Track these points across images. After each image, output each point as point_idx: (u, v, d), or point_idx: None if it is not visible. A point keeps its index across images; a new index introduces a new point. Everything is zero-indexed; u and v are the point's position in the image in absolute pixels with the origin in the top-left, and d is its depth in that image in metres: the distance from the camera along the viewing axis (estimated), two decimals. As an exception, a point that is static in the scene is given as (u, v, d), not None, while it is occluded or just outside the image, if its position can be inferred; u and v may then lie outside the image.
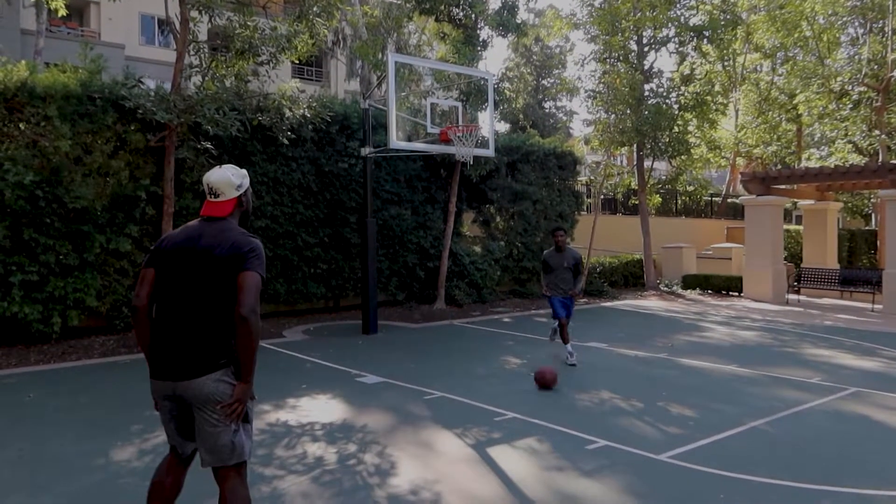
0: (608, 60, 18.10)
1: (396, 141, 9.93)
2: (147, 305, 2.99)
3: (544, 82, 38.70)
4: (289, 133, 10.76)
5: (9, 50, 20.60)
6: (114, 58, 19.01)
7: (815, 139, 23.59)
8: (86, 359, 8.37)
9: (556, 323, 8.71)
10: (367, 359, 8.53)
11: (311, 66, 31.91)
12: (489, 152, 11.43)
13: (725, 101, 20.99)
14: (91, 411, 6.08)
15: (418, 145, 10.94)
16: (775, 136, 24.52)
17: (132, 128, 9.73)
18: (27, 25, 22.05)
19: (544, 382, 6.98)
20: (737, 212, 25.21)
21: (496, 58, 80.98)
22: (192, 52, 10.14)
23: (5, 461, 4.79)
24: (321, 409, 6.23)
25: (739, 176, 22.97)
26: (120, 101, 9.40)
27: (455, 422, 5.80)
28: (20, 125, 8.81)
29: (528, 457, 4.93)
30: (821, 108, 21.53)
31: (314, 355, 8.71)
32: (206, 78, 10.13)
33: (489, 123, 12.06)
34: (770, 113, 24.25)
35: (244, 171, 3.16)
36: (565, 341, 8.40)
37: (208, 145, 10.02)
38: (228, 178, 3.06)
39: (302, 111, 10.76)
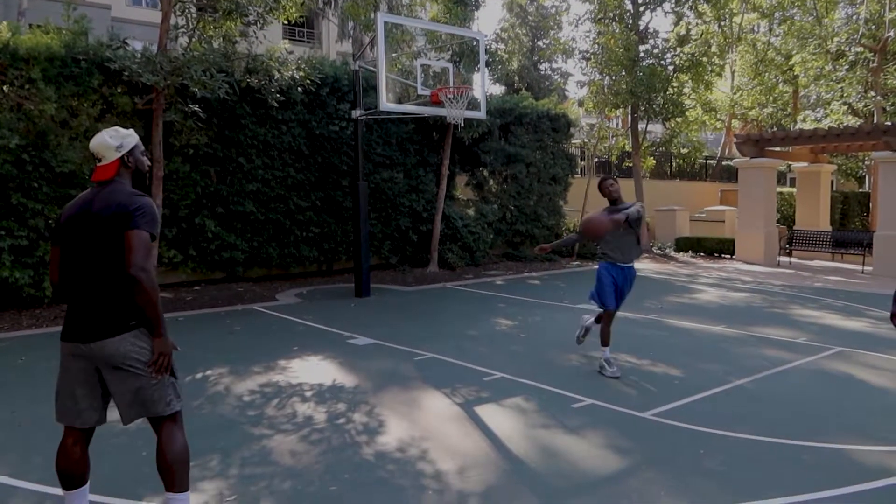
0: (603, 20, 17.85)
1: (387, 103, 9.83)
2: (60, 281, 3.08)
3: (539, 43, 38.15)
4: (278, 95, 10.64)
5: (-8, 11, 20.19)
6: (99, 18, 18.66)
7: (811, 101, 23.44)
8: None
9: (591, 318, 6.71)
10: (359, 321, 8.59)
11: (301, 28, 31.41)
12: (481, 114, 11.34)
13: (721, 63, 20.80)
14: (83, 374, 6.12)
15: (409, 107, 10.83)
16: (771, 98, 24.37)
17: (118, 90, 9.61)
18: (10, -14, 21.55)
19: (593, 230, 5.94)
20: (731, 174, 25.17)
21: (490, 18, 79.73)
22: (178, 13, 9.94)
23: (0, 422, 4.84)
24: (312, 370, 6.29)
25: (734, 138, 22.86)
26: (105, 64, 9.25)
27: (444, 382, 5.86)
28: (3, 88, 8.68)
29: (515, 415, 5.01)
30: (817, 70, 21.34)
31: (306, 318, 8.76)
32: (193, 39, 9.97)
33: (481, 85, 11.93)
34: (766, 74, 24.04)
35: (128, 132, 3.13)
36: (605, 343, 6.18)
37: (196, 108, 9.90)
38: (105, 141, 3.05)
39: (291, 73, 10.63)
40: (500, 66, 20.93)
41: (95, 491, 3.45)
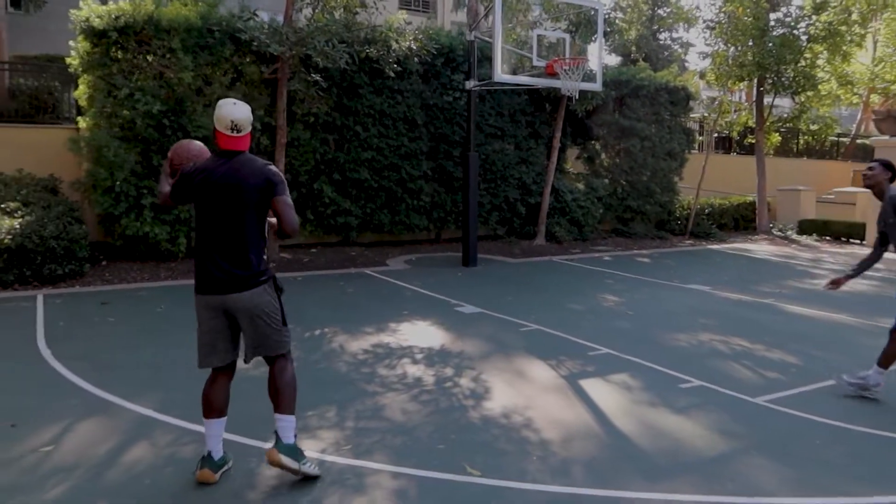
0: (731, -13, 16.81)
1: (502, 74, 9.82)
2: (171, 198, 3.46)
3: (660, 11, 36.51)
4: (395, 66, 10.86)
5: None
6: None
7: (968, 74, 21.13)
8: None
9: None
10: (466, 290, 8.76)
11: (417, -3, 31.62)
12: (597, 86, 11.10)
13: (863, 32, 19.07)
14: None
15: (523, 79, 10.77)
16: (919, 71, 22.15)
17: (247, 60, 10.14)
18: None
19: None
20: (867, 154, 23.24)
21: (609, -15, 76.71)
22: (303, -15, 10.34)
23: (143, 364, 5.38)
24: (420, 334, 6.52)
25: (872, 114, 21.07)
26: (236, 34, 9.79)
27: (548, 353, 5.92)
28: (148, 57, 9.39)
29: (620, 391, 5.01)
30: (977, 39, 19.18)
31: (415, 284, 9.03)
32: (317, 10, 10.34)
33: (598, 56, 11.65)
34: (915, 44, 21.85)
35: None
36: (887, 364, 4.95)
37: (318, 77, 10.30)
38: (248, 114, 3.30)
39: (408, 43, 10.81)
40: (616, 36, 20.22)
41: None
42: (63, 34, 18.65)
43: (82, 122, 9.60)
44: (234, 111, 3.26)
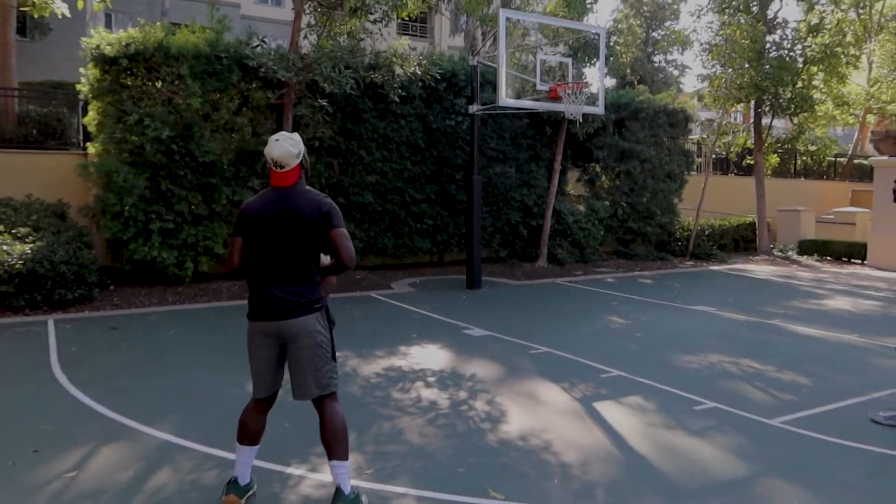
0: (727, 11, 17.11)
1: (506, 98, 9.95)
2: (240, 267, 3.43)
3: (654, 34, 36.99)
4: (399, 90, 10.99)
5: (139, 11, 21.97)
6: (230, 17, 19.94)
7: (962, 95, 21.43)
8: (215, 301, 9.11)
9: None
10: (472, 312, 8.79)
11: (415, 23, 32.02)
12: (598, 109, 11.25)
13: (858, 53, 19.38)
14: (225, 348, 6.68)
15: (527, 103, 10.91)
16: (914, 92, 22.45)
17: (254, 86, 10.25)
18: (154, -13, 23.33)
19: None
20: (864, 174, 23.46)
21: (604, 9, 77.93)
22: (307, 11, 10.50)
23: (157, 388, 5.39)
24: (431, 357, 6.54)
25: (869, 135, 21.30)
26: (244, 60, 9.91)
27: (560, 376, 5.95)
28: (157, 84, 9.50)
29: (635, 413, 5.03)
30: (970, 60, 19.48)
31: (422, 307, 9.07)
32: (322, 36, 10.49)
33: (599, 80, 11.81)
34: (909, 66, 22.17)
35: (297, 138, 3.40)
36: None
37: (324, 103, 10.41)
38: (288, 150, 3.31)
39: (412, 69, 10.95)
40: (611, 59, 20.48)
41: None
42: (68, 61, 18.86)
43: (91, 148, 9.68)
44: (272, 149, 3.31)
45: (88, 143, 9.94)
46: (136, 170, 9.34)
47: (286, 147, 3.32)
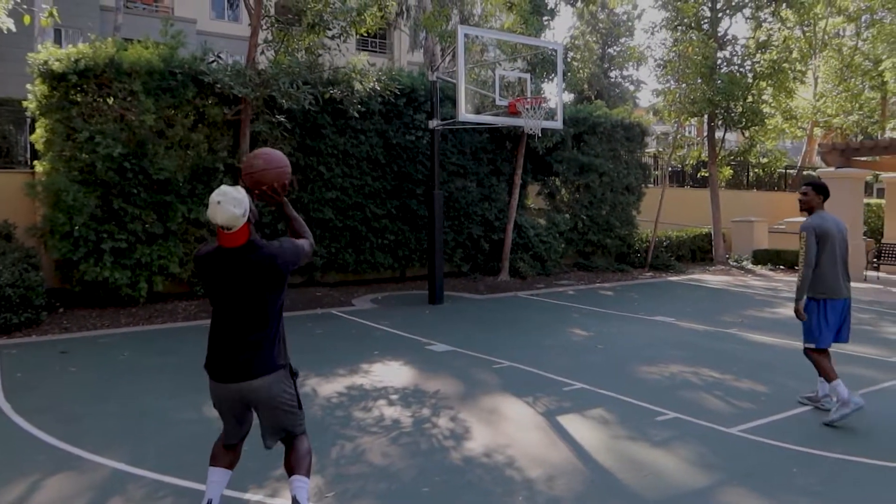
0: (679, 28, 17.54)
1: (465, 114, 9.98)
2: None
3: (610, 51, 37.75)
4: (359, 106, 10.94)
5: (90, 26, 21.50)
6: (186, 32, 19.64)
7: (902, 108, 22.33)
8: (171, 322, 8.87)
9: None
10: (435, 328, 8.74)
11: (374, 38, 32.06)
12: (557, 124, 11.36)
13: (804, 69, 20.06)
14: (180, 371, 6.48)
15: (486, 118, 10.96)
16: (857, 105, 23.34)
17: (210, 102, 10.08)
18: (107, 2, 22.90)
19: None
20: (812, 185, 24.16)
21: (561, 26, 79.22)
22: (264, 27, 10.40)
23: (109, 414, 5.19)
24: (394, 374, 6.46)
25: (817, 147, 22.00)
26: (199, 76, 9.75)
27: (524, 390, 5.93)
28: (108, 100, 9.27)
29: (599, 426, 5.03)
30: (909, 75, 20.34)
31: (383, 323, 8.97)
32: (279, 52, 10.39)
33: (557, 95, 11.95)
34: (852, 80, 23.06)
35: (241, 194, 3.11)
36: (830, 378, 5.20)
37: (282, 119, 10.30)
38: (233, 213, 3.05)
39: (372, 84, 10.91)
40: (569, 74, 20.80)
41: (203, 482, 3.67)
42: (15, 77, 18.30)
43: (39, 166, 9.37)
44: (215, 214, 3.05)
45: (36, 162, 9.63)
46: (86, 188, 9.07)
47: (229, 210, 3.04)
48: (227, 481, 3.40)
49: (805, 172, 25.08)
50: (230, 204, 3.04)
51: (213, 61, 9.89)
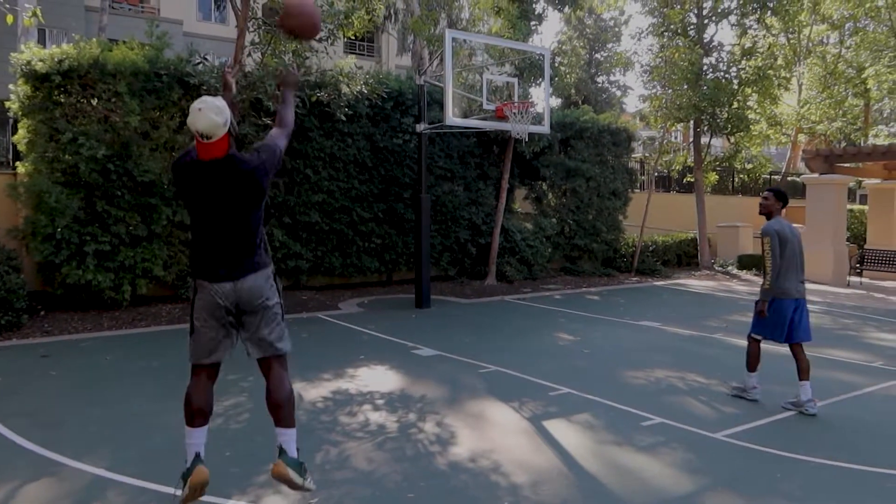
0: (666, 34, 17.67)
1: (453, 118, 9.98)
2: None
3: (597, 56, 37.95)
4: (346, 109, 10.91)
5: (75, 27, 21.33)
6: (172, 33, 19.52)
7: (885, 115, 22.61)
8: (154, 325, 8.78)
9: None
10: (422, 332, 8.71)
11: (362, 42, 32.02)
12: (544, 129, 11.39)
13: (788, 76, 20.27)
14: (164, 375, 6.42)
15: (474, 122, 10.98)
16: (841, 112, 23.58)
17: (196, 104, 10.00)
18: (92, 2, 22.71)
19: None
20: (797, 190, 24.43)
21: (548, 31, 79.64)
22: (251, 29, 10.34)
23: (91, 419, 5.12)
24: (379, 379, 6.43)
25: (801, 153, 22.21)
26: (185, 78, 9.68)
27: (510, 395, 5.92)
28: (93, 101, 9.18)
29: (584, 431, 5.03)
30: (891, 83, 20.60)
31: (370, 327, 8.94)
32: (266, 54, 10.34)
33: (544, 100, 11.99)
34: (836, 87, 23.30)
35: (222, 103, 3.18)
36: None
37: (269, 121, 10.23)
38: (214, 120, 3.11)
39: (359, 87, 10.89)
40: (556, 79, 20.94)
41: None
42: (-2, 76, 18.10)
43: (21, 168, 9.26)
44: (196, 120, 3.10)
45: (18, 163, 9.52)
46: (69, 190, 8.97)
47: (210, 117, 3.09)
48: (205, 437, 3.43)
49: (789, 178, 25.33)
50: (211, 111, 3.11)
51: (199, 63, 9.83)
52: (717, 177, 20.58)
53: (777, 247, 5.58)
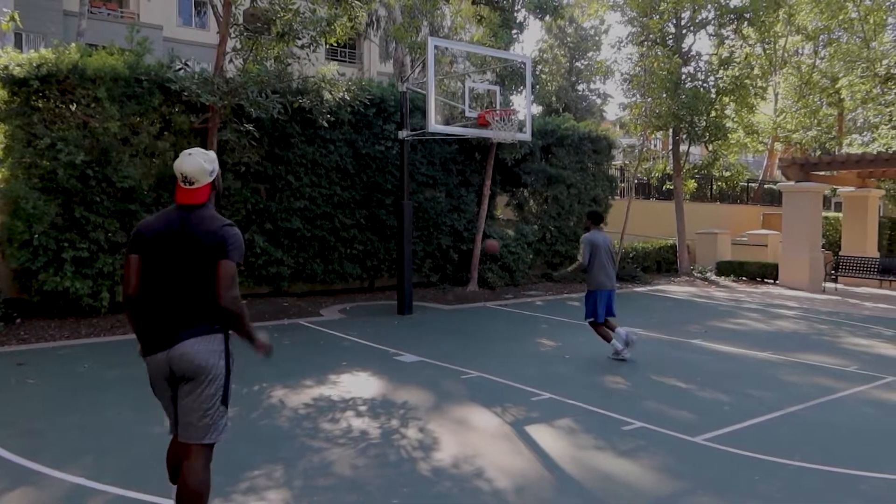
0: (645, 43, 17.90)
1: (435, 125, 10.02)
2: (137, 294, 3.11)
3: (578, 64, 38.28)
4: (328, 116, 10.91)
5: (53, 31, 21.09)
6: (152, 39, 19.38)
7: (858, 124, 23.07)
8: (133, 333, 8.67)
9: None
10: (404, 338, 8.71)
11: (344, 49, 32.02)
12: (526, 136, 11.47)
13: (765, 85, 20.63)
14: (143, 383, 6.30)
15: (456, 129, 11.02)
16: (815, 121, 24.05)
17: (177, 109, 9.97)
18: (70, 7, 22.48)
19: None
20: (773, 198, 24.83)
21: (529, 39, 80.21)
22: (233, 35, 10.32)
23: (69, 428, 5.06)
24: (362, 385, 6.42)
25: (777, 161, 22.58)
26: (166, 84, 9.63)
27: (493, 400, 5.94)
28: (71, 107, 9.10)
29: (566, 436, 5.06)
30: (864, 93, 21.04)
31: (352, 334, 8.92)
32: (248, 60, 10.31)
33: (526, 107, 12.08)
34: (811, 97, 23.77)
35: (214, 156, 3.20)
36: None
37: (250, 127, 10.21)
38: (202, 166, 3.08)
39: (341, 94, 10.89)
40: (537, 87, 21.12)
41: (167, 496, 3.60)
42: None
43: (-3, 173, 9.14)
44: (183, 163, 3.08)
45: (-6, 168, 9.39)
46: (47, 196, 8.87)
47: (199, 162, 3.08)
48: None
49: (766, 186, 25.71)
50: (201, 157, 3.13)
51: (180, 69, 9.78)
52: (695, 184, 20.84)
53: (587, 251, 7.64)
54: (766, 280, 16.79)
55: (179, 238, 3.06)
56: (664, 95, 16.77)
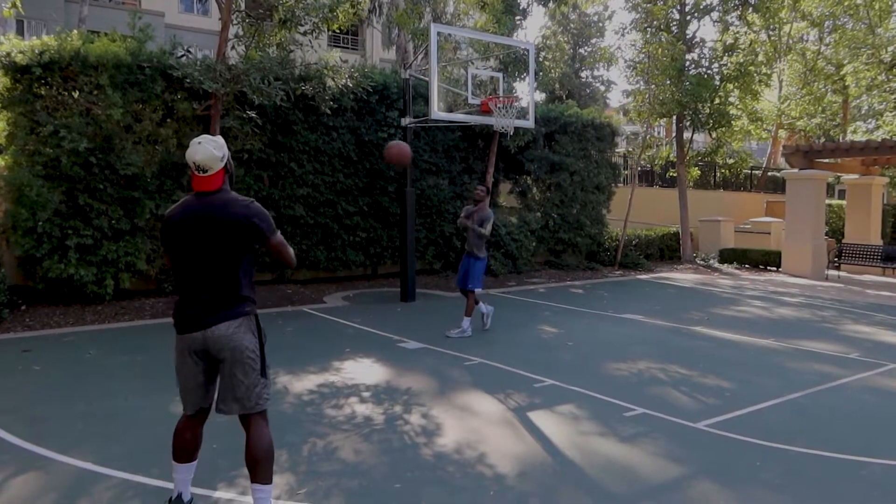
0: (649, 30, 17.79)
1: (438, 112, 10.00)
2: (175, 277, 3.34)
3: (581, 51, 38.06)
4: (331, 103, 10.88)
5: (54, 18, 21.03)
6: (154, 25, 19.30)
7: (862, 112, 22.94)
8: (138, 320, 8.74)
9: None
10: (407, 325, 8.75)
11: (347, 35, 31.89)
12: (529, 123, 11.44)
13: (769, 72, 20.49)
14: (148, 369, 6.40)
15: (459, 116, 11.00)
16: (820, 108, 23.92)
17: (179, 96, 9.95)
18: (71, -7, 22.39)
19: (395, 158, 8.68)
20: (777, 185, 24.76)
21: (532, 25, 79.74)
22: (235, 22, 10.28)
23: (75, 414, 5.11)
24: (365, 371, 6.46)
25: (781, 149, 22.49)
26: (168, 71, 9.61)
27: (495, 387, 5.98)
28: (74, 94, 9.10)
29: (568, 422, 5.09)
30: (869, 80, 20.92)
31: (355, 321, 8.96)
32: (251, 47, 10.28)
33: (529, 94, 12.04)
34: (815, 84, 23.62)
35: (221, 141, 3.29)
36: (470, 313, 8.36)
37: (253, 114, 10.20)
38: (212, 153, 3.19)
39: (344, 81, 10.87)
40: (540, 74, 21.02)
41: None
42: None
43: (1, 161, 9.15)
44: (194, 153, 3.18)
45: (-3, 156, 9.41)
46: (50, 183, 8.89)
47: (209, 150, 3.18)
48: (192, 475, 3.41)
49: (770, 173, 25.64)
50: (210, 144, 3.21)
51: (182, 56, 9.76)
52: (699, 172, 20.77)
53: (490, 221, 8.19)
54: (769, 268, 16.78)
55: (204, 223, 3.19)
56: (668, 82, 16.68)
